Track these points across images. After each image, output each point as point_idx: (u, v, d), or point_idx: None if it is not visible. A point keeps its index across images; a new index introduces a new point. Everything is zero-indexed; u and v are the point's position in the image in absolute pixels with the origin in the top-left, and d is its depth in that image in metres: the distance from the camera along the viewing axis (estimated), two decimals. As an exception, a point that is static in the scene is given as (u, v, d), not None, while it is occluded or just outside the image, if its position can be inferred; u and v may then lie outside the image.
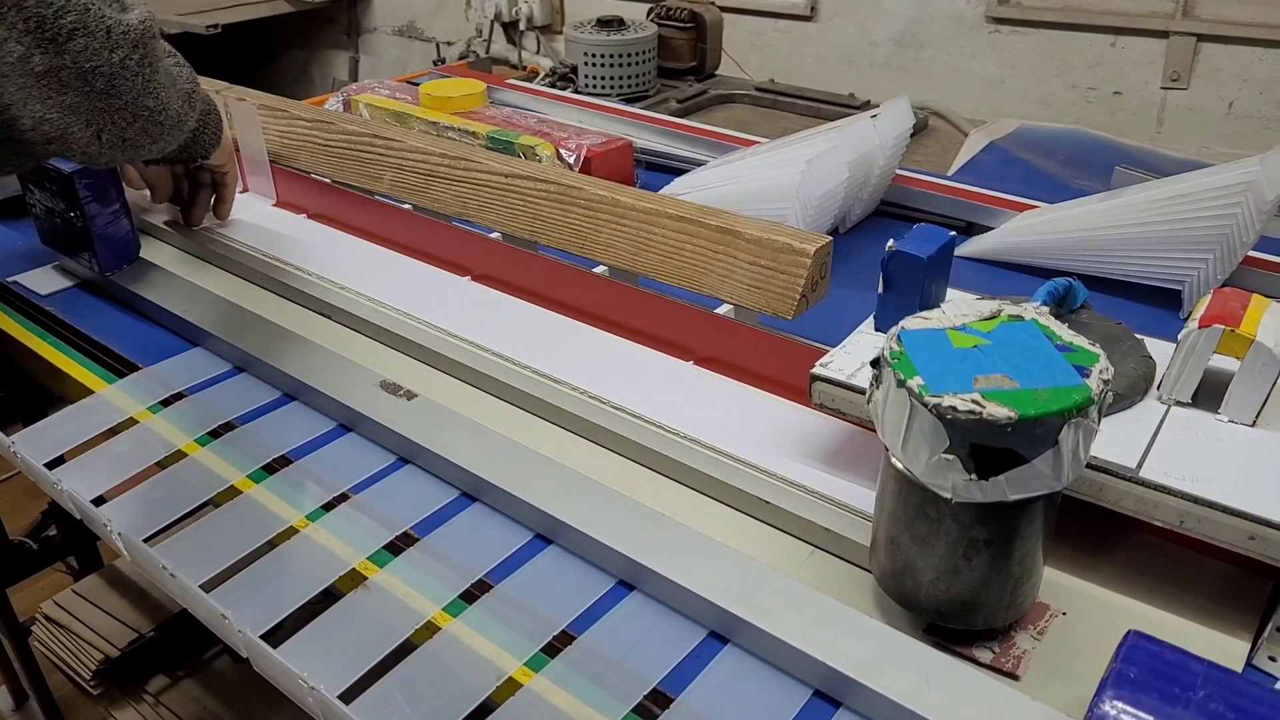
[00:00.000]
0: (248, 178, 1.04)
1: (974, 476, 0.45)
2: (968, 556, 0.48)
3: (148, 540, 0.61)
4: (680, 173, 1.04)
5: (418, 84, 1.22)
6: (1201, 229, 0.81)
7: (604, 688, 0.50)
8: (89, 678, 1.23)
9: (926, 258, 0.61)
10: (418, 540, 0.60)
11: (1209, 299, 0.58)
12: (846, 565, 0.57)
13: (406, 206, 0.94)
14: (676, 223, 0.74)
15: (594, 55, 1.43)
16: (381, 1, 2.69)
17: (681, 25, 1.54)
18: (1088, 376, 0.45)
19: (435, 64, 2.22)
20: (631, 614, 0.55)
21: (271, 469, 0.67)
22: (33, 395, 1.12)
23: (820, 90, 1.49)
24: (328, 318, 0.83)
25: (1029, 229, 0.94)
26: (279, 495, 0.64)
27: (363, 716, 0.49)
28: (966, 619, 0.50)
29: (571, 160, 0.98)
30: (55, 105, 0.58)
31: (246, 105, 0.99)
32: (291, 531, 0.61)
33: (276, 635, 0.54)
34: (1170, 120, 1.60)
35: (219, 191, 0.94)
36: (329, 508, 0.63)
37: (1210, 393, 0.56)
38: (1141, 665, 0.43)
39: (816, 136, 0.97)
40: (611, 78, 1.44)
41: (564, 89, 1.46)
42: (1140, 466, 0.52)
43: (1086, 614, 0.53)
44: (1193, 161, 1.11)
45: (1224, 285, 0.81)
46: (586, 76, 1.45)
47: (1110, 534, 0.57)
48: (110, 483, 0.66)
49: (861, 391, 0.56)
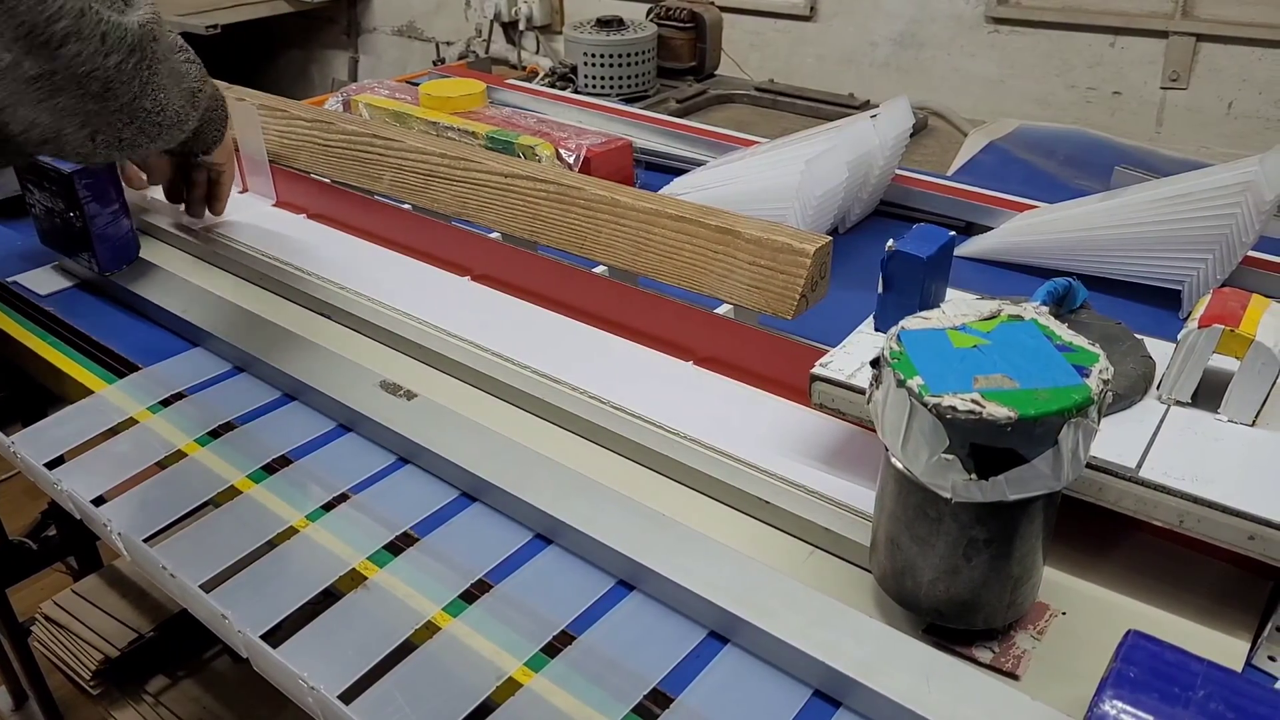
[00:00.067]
0: (247, 178, 1.04)
1: (974, 476, 0.45)
2: (967, 556, 0.48)
3: (148, 540, 0.61)
4: (680, 173, 1.04)
5: (417, 84, 1.22)
6: (1201, 229, 0.81)
7: (604, 688, 0.50)
8: (89, 678, 1.23)
9: (926, 258, 0.61)
10: (418, 540, 0.60)
11: (1208, 299, 0.58)
12: (846, 565, 0.57)
13: (406, 206, 0.94)
14: (676, 223, 0.74)
15: (593, 55, 1.43)
16: (381, 1, 2.69)
17: (681, 25, 1.54)
18: (1087, 376, 0.45)
19: (435, 64, 2.22)
20: (631, 614, 0.55)
21: (271, 469, 0.67)
22: (32, 395, 1.12)
23: (820, 90, 1.49)
24: (328, 318, 0.83)
25: (1029, 229, 0.94)
26: (279, 495, 0.64)
27: (363, 716, 0.49)
28: (966, 619, 0.50)
29: (571, 160, 0.98)
30: (47, 109, 0.57)
31: (246, 105, 0.99)
32: (291, 531, 0.61)
33: (276, 635, 0.54)
34: (1170, 120, 1.60)
35: (213, 189, 0.93)
36: (329, 508, 0.63)
37: (1210, 392, 0.56)
38: (1141, 665, 0.43)
39: (816, 136, 0.97)
40: (611, 78, 1.44)
41: (563, 89, 1.46)
42: (1140, 466, 0.52)
43: (1086, 614, 0.53)
44: (1192, 161, 1.11)
45: (1223, 285, 0.81)
46: (586, 76, 1.45)
47: (1110, 534, 0.57)
48: (110, 483, 0.66)
49: (861, 391, 0.56)
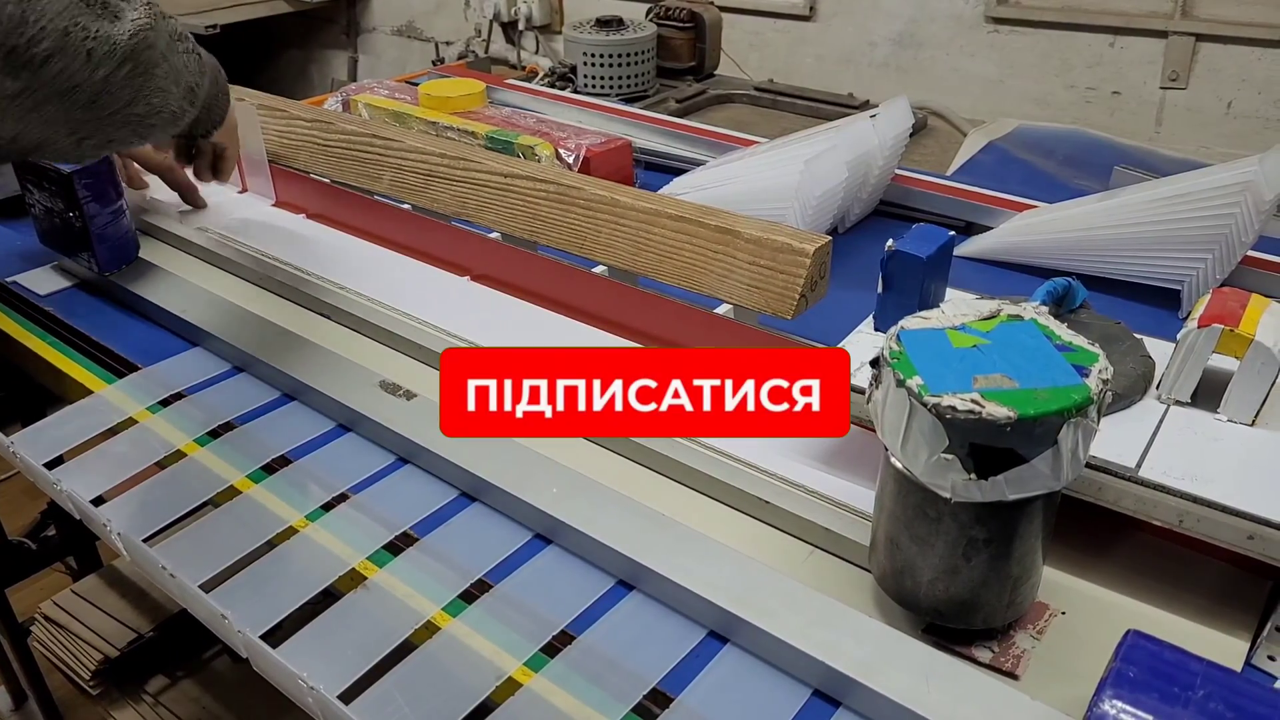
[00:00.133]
0: (247, 178, 1.04)
1: (973, 476, 0.45)
2: (967, 556, 0.48)
3: (147, 540, 0.61)
4: (679, 173, 1.04)
5: (417, 84, 1.22)
6: (1200, 229, 0.81)
7: (604, 688, 0.50)
8: (88, 678, 1.23)
9: (926, 257, 0.61)
10: (417, 540, 0.60)
11: (1208, 299, 0.58)
12: (846, 565, 0.57)
13: (406, 206, 0.94)
14: (676, 222, 0.74)
15: (593, 55, 1.43)
16: (380, 1, 2.69)
17: (680, 25, 1.54)
18: (1087, 376, 0.45)
19: (434, 64, 2.22)
20: (631, 614, 0.55)
21: (271, 469, 0.67)
22: (32, 395, 1.12)
23: (819, 90, 1.49)
24: (327, 318, 0.83)
25: (1028, 229, 0.94)
26: (278, 495, 0.64)
27: (362, 716, 0.49)
28: (966, 619, 0.50)
29: (571, 160, 0.98)
30: (34, 121, 0.56)
31: (245, 105, 0.99)
32: (291, 531, 0.61)
33: (276, 635, 0.54)
34: (1169, 120, 1.60)
35: (217, 163, 0.91)
36: (328, 508, 0.63)
37: (1209, 392, 0.56)
38: (1141, 665, 0.43)
39: (815, 136, 0.97)
40: (610, 77, 1.44)
41: (563, 89, 1.46)
42: (1139, 466, 0.52)
43: (1086, 613, 0.53)
44: (1191, 161, 1.11)
45: (1223, 285, 0.81)
46: (585, 76, 1.45)
47: (1109, 534, 0.57)
48: (109, 483, 0.66)
49: (861, 391, 0.56)
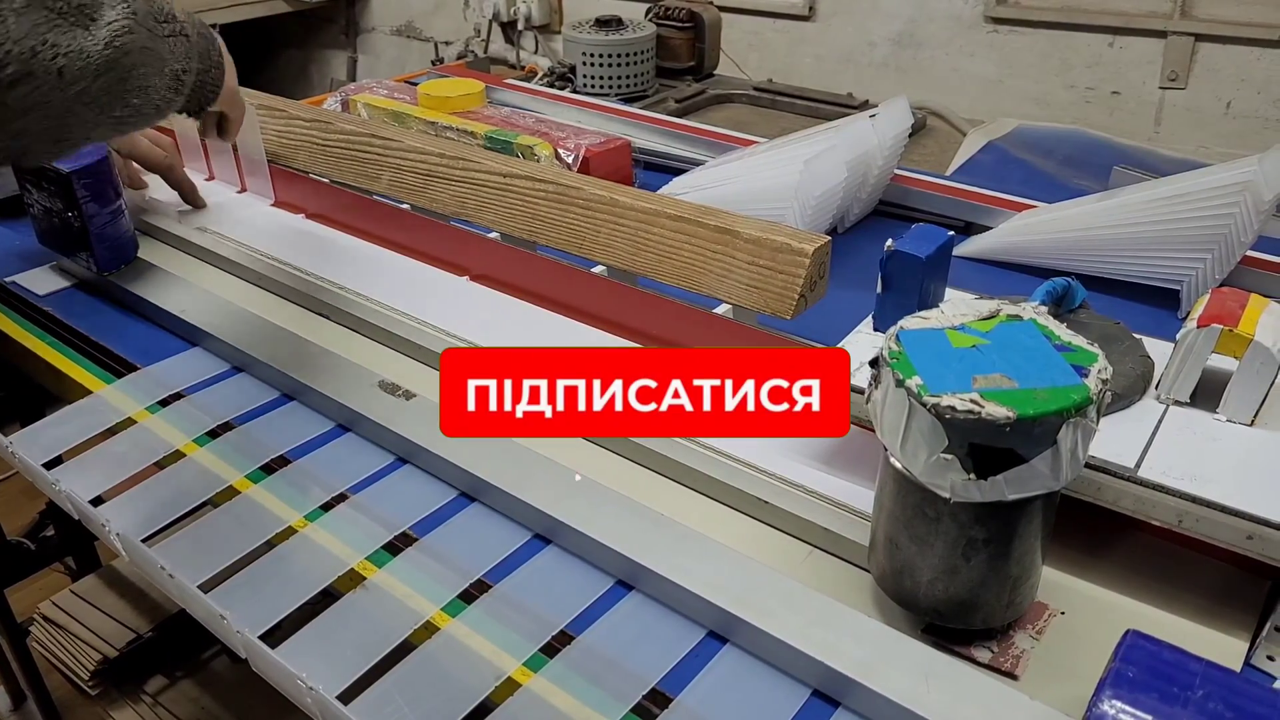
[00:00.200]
0: (246, 177, 1.04)
1: (972, 476, 0.45)
2: (966, 556, 0.48)
3: (146, 540, 0.61)
4: (679, 173, 1.04)
5: (416, 84, 1.22)
6: (1200, 229, 0.81)
7: (603, 688, 0.50)
8: (87, 678, 1.23)
9: (925, 257, 0.61)
10: (416, 540, 0.60)
11: (1207, 298, 0.58)
12: (845, 565, 0.57)
13: (405, 206, 0.94)
14: (675, 222, 0.74)
15: (592, 55, 1.43)
16: (380, 1, 2.69)
17: (680, 25, 1.54)
18: (1086, 376, 0.45)
19: (433, 64, 2.21)
20: (630, 614, 0.55)
21: (270, 469, 0.67)
22: (31, 395, 1.12)
23: (818, 90, 1.49)
24: (326, 318, 0.83)
25: (1027, 229, 0.94)
26: (277, 495, 0.64)
27: (361, 717, 0.49)
28: (965, 619, 0.50)
29: (570, 160, 0.98)
30: (6, 133, 0.53)
31: (245, 105, 0.98)
32: (290, 532, 0.61)
33: (275, 635, 0.54)
34: (1168, 120, 1.60)
35: (223, 124, 0.86)
36: (327, 508, 0.63)
37: (1208, 392, 0.56)
38: (1140, 664, 0.43)
39: (815, 136, 0.97)
40: (610, 77, 1.44)
41: (562, 89, 1.46)
42: (1139, 466, 0.52)
43: (1085, 613, 0.53)
44: (1191, 161, 1.11)
45: (1222, 285, 0.81)
46: (585, 76, 1.45)
47: (1109, 534, 0.57)
48: (108, 483, 0.66)
49: (860, 391, 0.56)
